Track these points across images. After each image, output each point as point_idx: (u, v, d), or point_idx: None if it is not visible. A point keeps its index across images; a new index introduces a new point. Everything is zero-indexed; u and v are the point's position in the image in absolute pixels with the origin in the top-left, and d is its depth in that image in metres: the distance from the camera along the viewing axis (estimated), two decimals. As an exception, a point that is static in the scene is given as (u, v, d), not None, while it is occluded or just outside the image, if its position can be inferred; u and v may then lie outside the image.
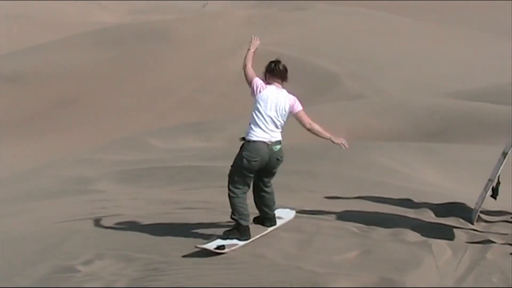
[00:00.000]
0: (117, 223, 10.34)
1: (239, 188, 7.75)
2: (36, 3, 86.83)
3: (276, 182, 12.87)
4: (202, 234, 8.62)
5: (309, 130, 7.99)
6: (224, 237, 7.72)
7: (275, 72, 8.04)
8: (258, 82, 7.89)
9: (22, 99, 54.02)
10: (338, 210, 9.90)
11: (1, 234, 11.25)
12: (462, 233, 8.86)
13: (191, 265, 7.41)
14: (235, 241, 7.67)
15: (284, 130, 8.18)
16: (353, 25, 76.53)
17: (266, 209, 8.10)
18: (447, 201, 10.53)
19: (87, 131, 48.36)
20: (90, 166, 20.21)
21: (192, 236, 8.69)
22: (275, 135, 7.82)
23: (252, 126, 7.82)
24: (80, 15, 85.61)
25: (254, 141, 7.72)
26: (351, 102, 41.70)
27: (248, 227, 7.78)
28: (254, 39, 8.41)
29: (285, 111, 7.87)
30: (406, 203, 10.60)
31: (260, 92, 7.84)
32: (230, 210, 8.20)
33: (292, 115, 7.96)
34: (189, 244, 8.24)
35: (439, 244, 8.24)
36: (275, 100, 7.83)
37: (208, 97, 58.43)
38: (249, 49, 8.30)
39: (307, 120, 7.97)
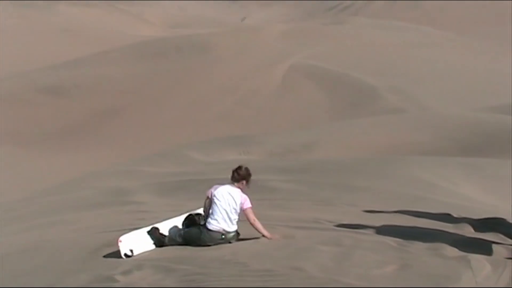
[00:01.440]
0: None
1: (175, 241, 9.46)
2: (78, 17, 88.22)
3: (314, 195, 12.92)
4: (241, 246, 8.66)
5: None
6: (151, 234, 9.57)
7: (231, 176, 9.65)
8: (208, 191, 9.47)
9: (64, 112, 54.84)
10: (377, 224, 9.85)
11: (43, 243, 11.43)
12: (502, 248, 8.74)
13: (229, 277, 7.44)
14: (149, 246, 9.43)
15: (321, 145, 8.42)
16: (392, 38, 76.30)
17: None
18: (487, 216, 10.42)
19: (127, 143, 48.89)
20: (130, 177, 20.44)
21: (230, 248, 8.74)
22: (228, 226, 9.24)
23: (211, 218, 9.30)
24: (121, 28, 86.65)
25: (213, 230, 9.15)
26: (390, 116, 41.50)
27: (166, 244, 9.53)
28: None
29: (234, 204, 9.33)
30: (446, 218, 10.51)
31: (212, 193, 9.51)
32: (268, 222, 9.28)
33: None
34: (227, 256, 8.28)
35: (478, 259, 8.14)
36: (228, 197, 9.35)
37: (246, 111, 58.63)
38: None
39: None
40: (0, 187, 38.09)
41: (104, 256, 9.69)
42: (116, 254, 9.53)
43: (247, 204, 9.27)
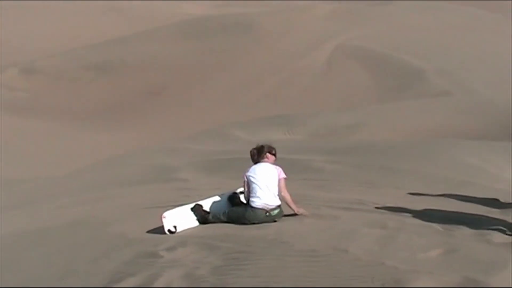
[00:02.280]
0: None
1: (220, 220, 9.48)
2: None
3: (359, 177, 12.83)
4: (285, 226, 8.66)
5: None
6: (194, 210, 9.61)
7: (253, 156, 9.86)
8: (243, 176, 9.66)
9: (110, 89, 55.27)
10: (422, 207, 9.74)
11: (90, 218, 11.58)
12: (550, 235, 8.58)
13: (273, 256, 7.44)
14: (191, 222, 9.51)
15: (366, 126, 8.46)
16: (440, 20, 75.03)
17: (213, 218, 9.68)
18: (535, 201, 10.24)
19: (172, 121, 49.12)
20: (174, 155, 20.56)
21: (274, 227, 8.74)
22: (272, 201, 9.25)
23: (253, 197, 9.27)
24: (167, 6, 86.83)
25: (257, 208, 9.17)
26: (436, 99, 40.94)
27: (211, 222, 9.59)
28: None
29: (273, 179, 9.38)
30: (492, 203, 10.34)
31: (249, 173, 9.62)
32: (313, 203, 9.44)
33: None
34: (271, 235, 8.29)
35: (526, 246, 8.00)
36: (266, 174, 9.47)
37: (292, 91, 58.37)
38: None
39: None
40: (47, 162, 38.68)
41: (148, 232, 9.79)
42: (160, 230, 9.62)
43: (283, 174, 9.39)
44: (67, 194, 17.92)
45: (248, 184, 9.26)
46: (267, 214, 9.04)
